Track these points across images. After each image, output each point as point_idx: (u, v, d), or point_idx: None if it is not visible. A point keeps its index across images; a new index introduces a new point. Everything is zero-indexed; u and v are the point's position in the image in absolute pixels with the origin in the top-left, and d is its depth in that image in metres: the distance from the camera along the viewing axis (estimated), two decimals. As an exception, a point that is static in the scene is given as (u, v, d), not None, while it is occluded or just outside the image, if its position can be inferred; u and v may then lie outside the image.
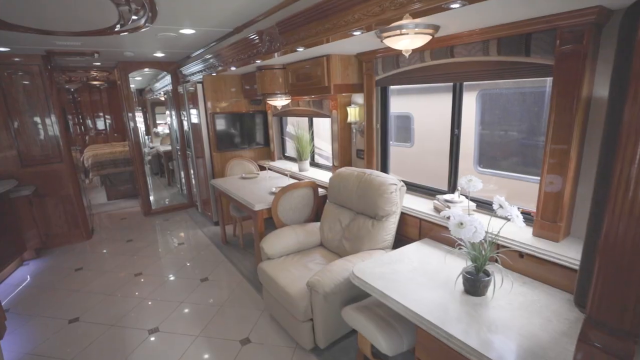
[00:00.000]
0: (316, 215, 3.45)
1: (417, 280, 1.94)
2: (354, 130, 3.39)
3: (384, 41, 2.09)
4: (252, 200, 3.24)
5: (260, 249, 2.90)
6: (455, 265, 2.07)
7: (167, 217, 5.70)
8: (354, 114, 3.27)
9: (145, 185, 5.64)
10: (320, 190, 3.43)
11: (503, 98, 3.04)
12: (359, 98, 3.34)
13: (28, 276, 3.95)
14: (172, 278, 3.66)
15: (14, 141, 4.18)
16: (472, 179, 1.77)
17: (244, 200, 3.32)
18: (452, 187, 2.71)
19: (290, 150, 5.04)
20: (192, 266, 3.91)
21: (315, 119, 4.40)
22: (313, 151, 4.25)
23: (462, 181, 1.79)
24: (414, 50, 2.13)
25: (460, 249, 1.83)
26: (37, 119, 4.28)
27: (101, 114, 9.50)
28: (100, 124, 9.66)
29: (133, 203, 6.54)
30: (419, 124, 4.34)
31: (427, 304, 1.70)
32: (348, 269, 2.28)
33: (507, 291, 1.76)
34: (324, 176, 3.79)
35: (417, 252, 2.31)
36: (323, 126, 4.93)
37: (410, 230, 2.67)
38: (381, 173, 2.72)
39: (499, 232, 1.72)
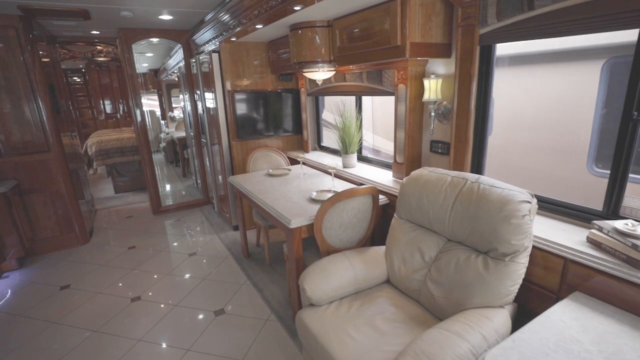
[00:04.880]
0: (373, 233, 2.48)
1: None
2: (431, 114, 2.36)
3: None
4: (286, 212, 2.28)
5: (297, 288, 1.97)
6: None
7: (179, 216, 4.87)
8: (434, 88, 2.24)
9: (154, 179, 4.79)
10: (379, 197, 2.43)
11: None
12: (438, 66, 2.31)
13: (9, 290, 3.20)
14: (178, 307, 2.80)
15: (-11, 125, 3.38)
16: None
17: (275, 212, 2.35)
18: (613, 207, 1.67)
19: (328, 140, 4.05)
20: (204, 289, 3.03)
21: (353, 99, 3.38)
22: (361, 142, 3.24)
23: None
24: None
25: None
26: (16, 98, 3.44)
27: (111, 96, 8.75)
28: (111, 108, 8.94)
29: (142, 197, 5.74)
30: (502, 108, 3.27)
31: None
32: (459, 354, 1.32)
33: None
34: (379, 176, 2.79)
35: (580, 324, 1.31)
36: (364, 109, 3.89)
37: (541, 275, 1.66)
38: (497, 181, 1.70)
39: None
